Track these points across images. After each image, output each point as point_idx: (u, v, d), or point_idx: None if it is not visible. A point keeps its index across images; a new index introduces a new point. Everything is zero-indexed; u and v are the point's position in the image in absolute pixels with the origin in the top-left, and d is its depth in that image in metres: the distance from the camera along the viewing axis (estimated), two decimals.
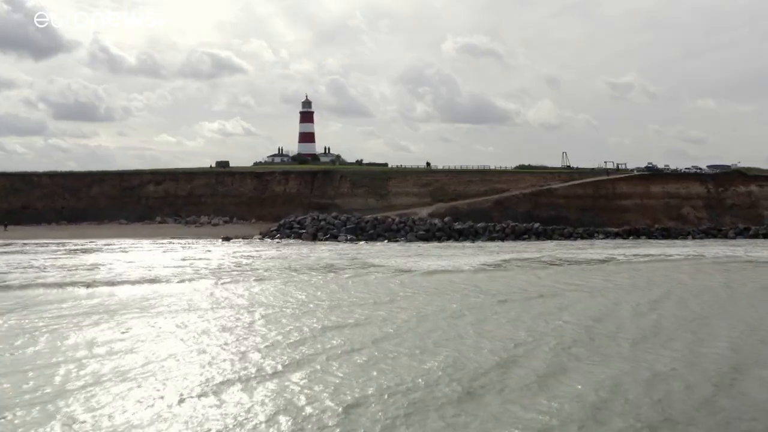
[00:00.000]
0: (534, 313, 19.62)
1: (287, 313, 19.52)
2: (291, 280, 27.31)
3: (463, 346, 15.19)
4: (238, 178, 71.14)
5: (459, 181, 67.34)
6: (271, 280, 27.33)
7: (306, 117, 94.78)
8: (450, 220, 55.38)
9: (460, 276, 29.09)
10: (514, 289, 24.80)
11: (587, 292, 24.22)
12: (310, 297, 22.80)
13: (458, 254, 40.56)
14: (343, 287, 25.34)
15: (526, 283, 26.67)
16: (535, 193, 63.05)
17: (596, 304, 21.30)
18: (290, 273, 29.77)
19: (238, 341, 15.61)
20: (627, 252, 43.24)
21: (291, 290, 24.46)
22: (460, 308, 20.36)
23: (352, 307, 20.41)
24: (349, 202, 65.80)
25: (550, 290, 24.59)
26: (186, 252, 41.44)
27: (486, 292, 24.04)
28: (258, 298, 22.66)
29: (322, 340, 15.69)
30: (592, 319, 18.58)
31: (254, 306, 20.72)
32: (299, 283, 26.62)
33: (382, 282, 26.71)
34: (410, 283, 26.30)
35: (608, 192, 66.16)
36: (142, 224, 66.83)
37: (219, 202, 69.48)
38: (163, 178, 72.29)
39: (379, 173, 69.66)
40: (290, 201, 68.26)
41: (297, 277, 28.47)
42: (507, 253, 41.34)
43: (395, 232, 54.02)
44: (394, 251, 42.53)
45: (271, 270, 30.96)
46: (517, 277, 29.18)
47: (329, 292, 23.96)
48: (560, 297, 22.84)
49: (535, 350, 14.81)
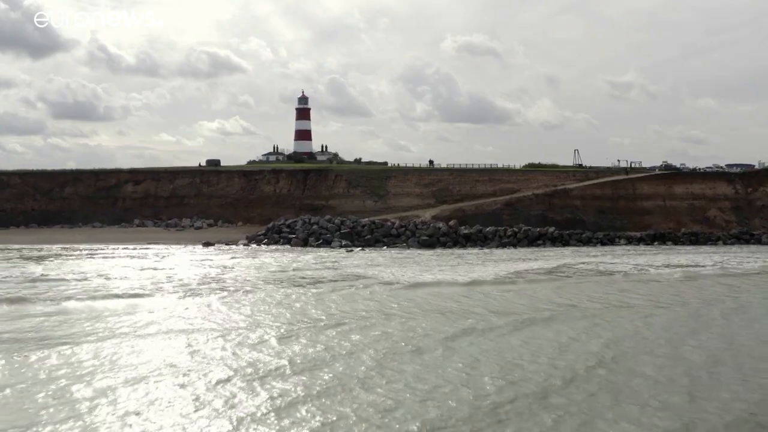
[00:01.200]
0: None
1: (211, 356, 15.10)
2: (256, 298, 23.09)
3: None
4: (225, 177, 66.69)
5: (465, 180, 62.86)
6: (232, 296, 23.53)
7: (302, 114, 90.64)
8: (456, 223, 50.94)
9: (476, 293, 24.63)
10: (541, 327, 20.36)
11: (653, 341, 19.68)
12: (261, 320, 18.96)
13: (465, 263, 36.07)
14: (316, 306, 21.26)
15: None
16: (548, 194, 58.62)
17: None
18: (261, 288, 25.43)
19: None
20: (655, 259, 38.78)
21: (246, 311, 20.32)
22: (472, 349, 15.94)
23: (313, 336, 16.65)
24: (345, 203, 61.36)
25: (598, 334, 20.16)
26: (154, 260, 37.00)
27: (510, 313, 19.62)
28: (199, 320, 19.03)
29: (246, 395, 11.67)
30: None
31: (188, 333, 17.19)
32: (263, 302, 22.44)
33: (368, 301, 22.30)
34: (402, 304, 21.90)
35: (628, 193, 61.74)
36: (118, 228, 62.46)
37: (203, 204, 65.05)
38: (143, 177, 67.86)
39: (377, 172, 65.20)
40: (280, 202, 63.83)
41: (264, 293, 24.16)
42: (520, 261, 36.87)
43: (395, 237, 49.58)
44: (391, 260, 38.09)
45: (243, 284, 26.97)
46: (540, 299, 24.70)
47: (293, 314, 20.19)
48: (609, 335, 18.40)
49: None
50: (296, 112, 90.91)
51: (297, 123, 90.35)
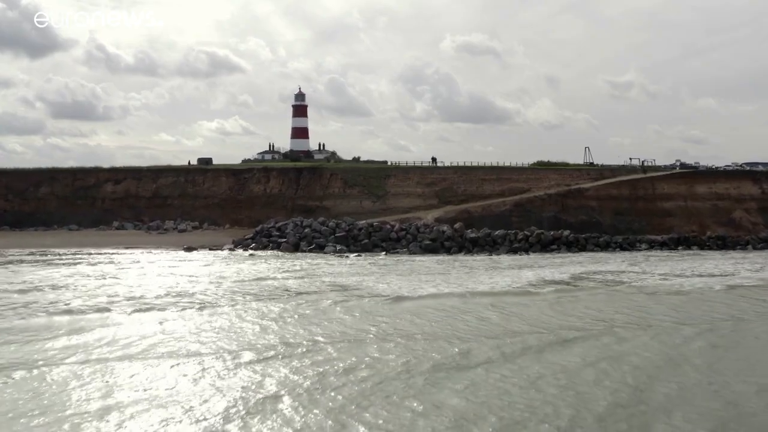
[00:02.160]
0: None
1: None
2: (213, 317, 19.56)
3: None
4: (211, 176, 62.93)
5: (470, 179, 59.09)
6: (184, 314, 20.15)
7: (299, 111, 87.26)
8: (461, 226, 47.20)
9: (485, 307, 20.90)
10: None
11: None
12: (194, 348, 15.77)
13: (471, 271, 32.30)
14: (281, 328, 17.75)
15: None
16: (562, 194, 54.89)
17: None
18: (225, 304, 21.79)
19: None
20: (684, 267, 35.03)
21: (190, 334, 16.92)
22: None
23: (247, 374, 13.35)
24: (341, 204, 57.63)
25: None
26: (121, 268, 33.23)
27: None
28: (130, 344, 15.96)
29: None
30: None
31: (107, 362, 14.24)
32: (217, 321, 19.12)
33: (347, 319, 18.58)
34: (390, 323, 18.15)
35: (647, 193, 58.02)
36: (96, 230, 58.78)
37: (188, 205, 61.31)
38: (124, 176, 64.12)
39: (375, 170, 61.43)
40: (271, 203, 60.12)
41: (228, 309, 20.54)
42: (535, 269, 33.10)
43: (394, 241, 45.86)
44: (389, 268, 34.35)
45: (208, 298, 23.55)
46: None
47: (245, 338, 16.95)
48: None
49: None
50: (293, 109, 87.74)
51: (293, 120, 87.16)
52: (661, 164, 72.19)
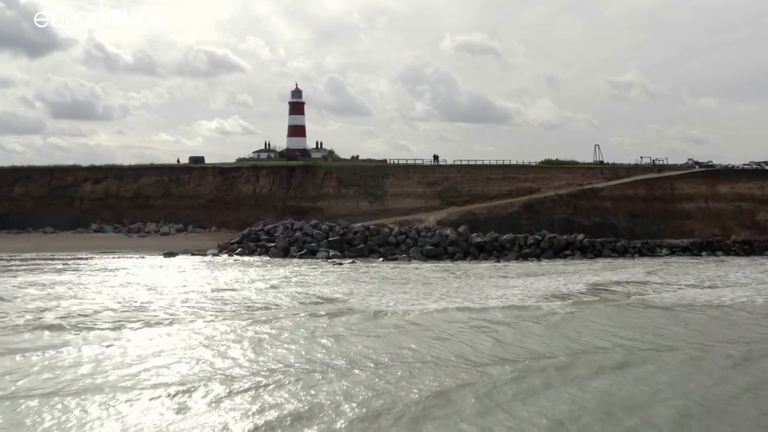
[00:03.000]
0: None
1: None
2: (159, 338, 16.25)
3: None
4: (197, 175, 59.57)
5: (475, 178, 55.74)
6: (123, 335, 16.81)
7: (296, 108, 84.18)
8: (466, 230, 43.88)
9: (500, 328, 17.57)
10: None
11: None
12: (111, 380, 12.15)
13: (479, 282, 28.93)
14: (235, 354, 14.50)
15: None
16: (574, 195, 51.62)
17: None
18: (181, 321, 18.41)
19: None
20: (711, 275, 31.66)
21: (119, 359, 13.46)
22: None
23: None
24: (335, 205, 54.30)
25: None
26: (81, 276, 29.84)
27: None
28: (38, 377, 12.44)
29: None
30: None
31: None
32: (161, 344, 15.93)
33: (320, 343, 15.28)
34: (379, 348, 14.82)
35: (665, 193, 54.75)
36: (72, 233, 55.41)
37: (172, 206, 57.95)
38: (104, 175, 60.75)
39: (373, 169, 58.07)
40: (261, 204, 56.77)
41: (180, 328, 17.18)
42: (548, 278, 29.73)
43: (393, 246, 42.56)
44: (385, 277, 30.97)
45: (166, 314, 20.24)
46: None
47: (186, 366, 13.79)
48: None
49: None
50: (289, 106, 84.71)
51: (290, 118, 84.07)
52: (674, 163, 68.89)
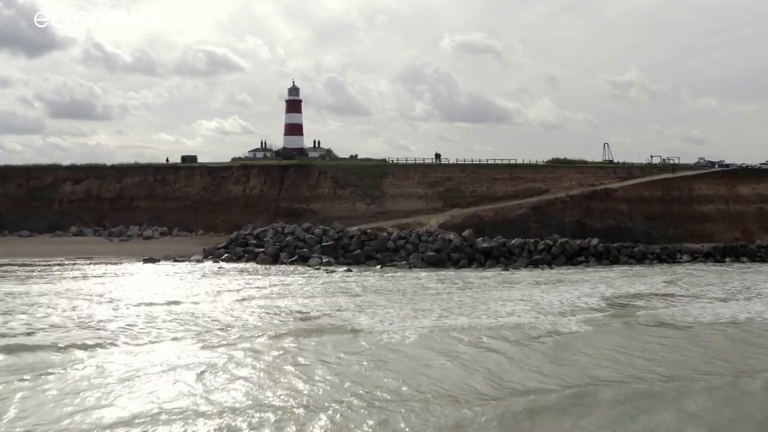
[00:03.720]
0: None
1: None
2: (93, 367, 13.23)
3: None
4: (184, 175, 56.69)
5: (480, 178, 52.85)
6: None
7: (292, 106, 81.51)
8: (471, 234, 40.99)
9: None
10: None
11: None
12: None
13: (485, 294, 26.00)
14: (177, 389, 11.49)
15: None
16: (586, 196, 48.77)
17: None
18: (133, 343, 15.52)
19: None
20: (738, 283, 28.73)
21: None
22: None
23: None
24: (330, 207, 51.43)
25: None
26: (40, 286, 26.89)
27: None
28: None
29: None
30: None
31: None
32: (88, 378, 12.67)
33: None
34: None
35: (682, 194, 51.92)
36: (50, 237, 52.60)
37: (156, 207, 55.12)
38: (84, 174, 57.90)
39: (371, 168, 55.19)
40: (251, 205, 53.92)
41: (122, 354, 14.36)
42: (561, 288, 26.82)
43: (392, 252, 39.68)
44: (381, 288, 28.02)
45: (112, 333, 17.57)
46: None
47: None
48: None
49: None
50: (286, 104, 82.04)
51: (287, 116, 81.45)
52: (686, 163, 65.94)
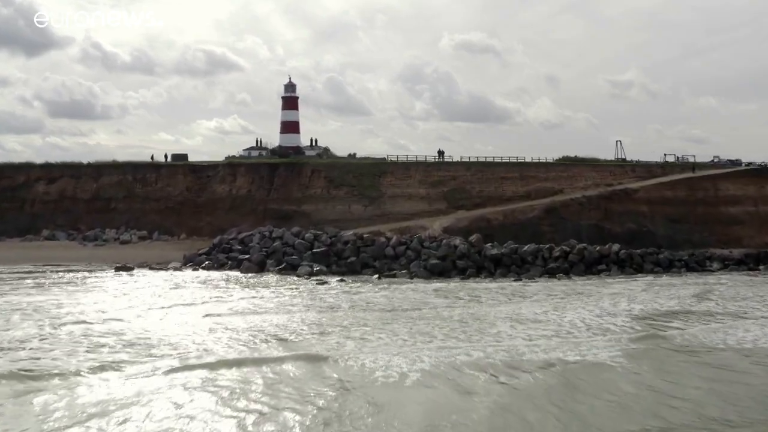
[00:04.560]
0: None
1: None
2: None
3: None
4: (166, 174, 53.02)
5: (487, 177, 49.13)
6: None
7: (289, 103, 78.12)
8: (479, 239, 37.37)
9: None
10: None
11: None
12: None
13: (495, 311, 22.38)
14: None
15: None
16: (605, 197, 45.15)
17: None
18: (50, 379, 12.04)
19: None
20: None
21: None
22: None
23: None
24: (324, 209, 47.77)
25: None
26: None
27: None
28: None
29: None
30: None
31: None
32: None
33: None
34: None
35: (708, 195, 48.29)
36: (20, 241, 49.07)
37: (136, 209, 51.48)
38: (59, 173, 54.26)
39: (368, 167, 51.44)
40: (238, 207, 50.26)
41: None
42: (583, 303, 23.20)
43: (391, 260, 36.11)
44: (375, 303, 24.38)
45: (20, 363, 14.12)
46: None
47: None
48: None
49: None
50: (282, 101, 78.71)
51: (283, 113, 78.05)
52: (701, 161, 62.14)
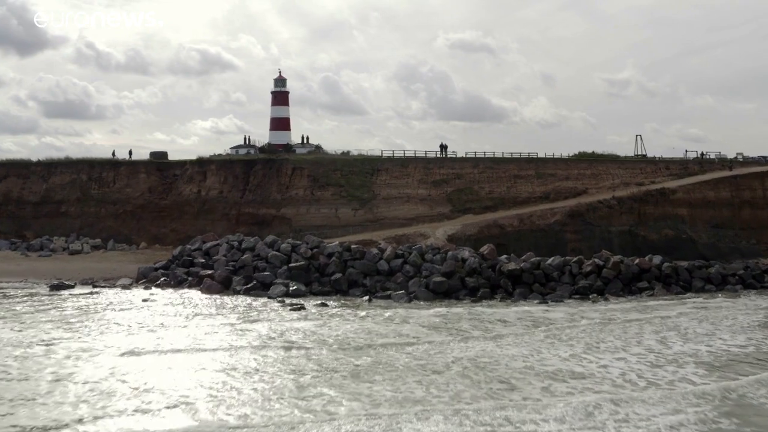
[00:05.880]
0: None
1: None
2: None
3: None
4: (126, 173, 46.91)
5: (498, 176, 43.01)
6: None
7: (279, 98, 73.24)
8: (492, 251, 31.29)
9: None
10: None
11: None
12: None
13: (521, 352, 16.40)
14: None
15: None
16: (638, 198, 39.23)
17: None
18: None
19: None
20: None
21: None
22: None
23: None
24: (307, 213, 41.76)
25: None
26: None
27: None
28: None
29: None
30: None
31: None
32: None
33: None
34: None
35: (755, 196, 42.50)
36: None
37: (90, 213, 45.55)
38: (4, 172, 48.18)
39: (359, 163, 45.24)
40: (208, 211, 44.29)
41: None
42: (635, 341, 17.24)
43: (385, 276, 30.09)
44: (360, 341, 18.39)
45: None
46: None
47: None
48: None
49: None
50: (271, 96, 73.73)
51: (273, 109, 73.19)
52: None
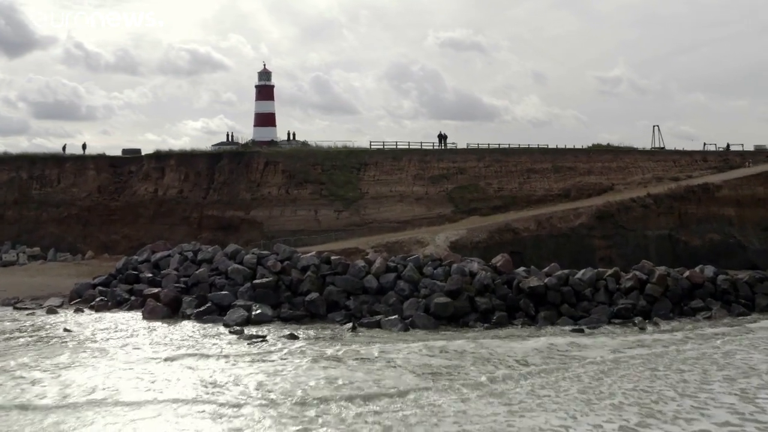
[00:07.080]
0: None
1: None
2: None
3: None
4: (72, 170, 41.07)
5: (509, 170, 37.05)
6: None
7: (263, 93, 69.14)
8: (507, 262, 25.48)
9: None
10: None
11: None
12: None
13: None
14: None
15: None
16: (678, 196, 33.57)
17: None
18: None
19: None
20: None
21: None
22: None
23: None
24: (281, 216, 35.93)
25: None
26: None
27: None
28: None
29: None
30: None
31: None
32: None
33: None
34: None
35: None
36: None
37: (30, 217, 39.83)
38: None
39: (343, 156, 39.12)
40: (166, 214, 38.51)
41: None
42: (704, 395, 11.71)
43: (374, 296, 24.33)
44: (306, 405, 12.58)
45: None
46: None
47: None
48: None
49: None
50: (255, 90, 69.48)
51: (257, 104, 69.14)
52: None
